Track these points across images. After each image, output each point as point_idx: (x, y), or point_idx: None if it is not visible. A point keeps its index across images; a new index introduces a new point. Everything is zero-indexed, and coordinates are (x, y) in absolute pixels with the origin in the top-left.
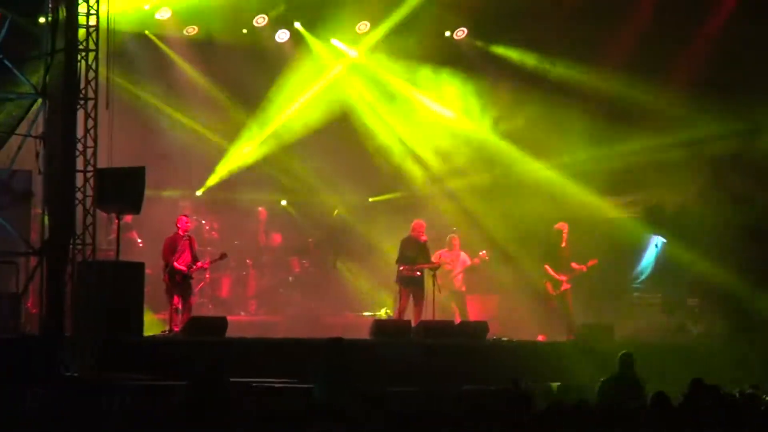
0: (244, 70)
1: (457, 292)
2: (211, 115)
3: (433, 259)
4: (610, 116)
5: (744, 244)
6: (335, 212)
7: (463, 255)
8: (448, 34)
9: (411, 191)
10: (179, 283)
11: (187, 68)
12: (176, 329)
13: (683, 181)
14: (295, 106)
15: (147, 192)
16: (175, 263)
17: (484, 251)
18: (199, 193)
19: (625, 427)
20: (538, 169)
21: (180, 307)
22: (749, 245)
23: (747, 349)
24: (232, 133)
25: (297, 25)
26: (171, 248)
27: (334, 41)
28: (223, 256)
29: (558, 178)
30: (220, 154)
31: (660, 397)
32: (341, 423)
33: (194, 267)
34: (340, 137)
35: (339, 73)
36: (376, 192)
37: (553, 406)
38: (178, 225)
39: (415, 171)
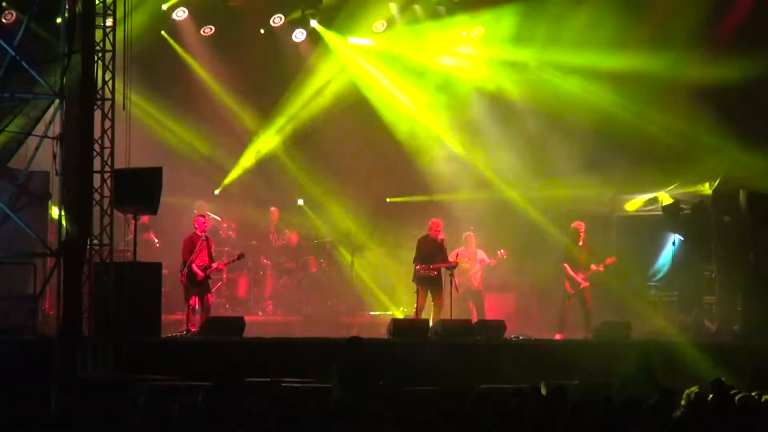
0: (261, 70)
1: (475, 291)
2: (227, 114)
3: (450, 257)
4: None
5: (761, 241)
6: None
7: (480, 253)
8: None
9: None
10: (197, 283)
11: (203, 69)
12: (193, 329)
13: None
14: (309, 103)
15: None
16: (193, 264)
17: (503, 250)
18: (216, 192)
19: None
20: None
21: (197, 307)
22: (766, 242)
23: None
24: (249, 133)
25: (313, 23)
26: (189, 248)
27: (352, 39)
28: (240, 256)
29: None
30: (235, 154)
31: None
32: (359, 423)
33: (211, 267)
34: (360, 134)
35: (357, 68)
36: (397, 191)
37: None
38: (196, 225)
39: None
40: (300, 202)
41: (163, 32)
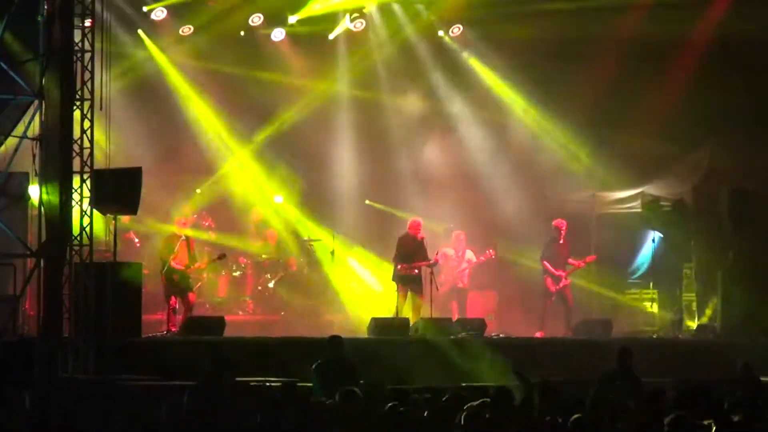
0: (240, 69)
1: (460, 289)
2: (209, 113)
3: (436, 256)
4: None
5: (740, 239)
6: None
7: (469, 252)
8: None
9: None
10: (177, 283)
11: (178, 69)
12: (173, 329)
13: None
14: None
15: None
16: (173, 262)
17: (492, 249)
18: (198, 191)
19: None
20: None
21: (178, 307)
22: (745, 240)
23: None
24: (231, 132)
25: (292, 19)
26: (168, 248)
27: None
28: (221, 256)
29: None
30: (215, 152)
31: None
32: (340, 422)
33: (192, 267)
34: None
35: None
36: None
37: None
38: (176, 224)
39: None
40: (278, 199)
41: (139, 31)
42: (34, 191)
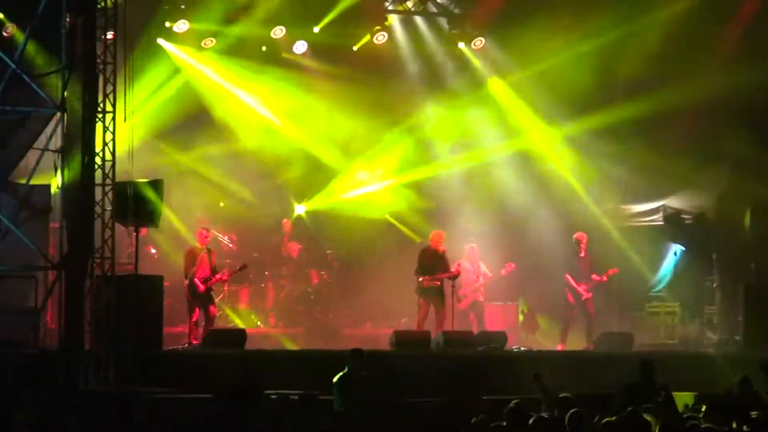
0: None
1: (477, 302)
2: (227, 126)
3: (457, 267)
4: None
5: (762, 251)
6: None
7: (483, 266)
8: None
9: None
10: (199, 296)
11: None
12: (195, 342)
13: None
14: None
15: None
16: (194, 277)
17: (512, 263)
18: (221, 204)
19: None
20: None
21: (200, 319)
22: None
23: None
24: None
25: (315, 29)
26: (191, 261)
27: None
28: (242, 267)
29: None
30: (239, 163)
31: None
32: None
33: (213, 279)
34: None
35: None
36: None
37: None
38: (197, 238)
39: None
40: (300, 211)
41: (160, 39)
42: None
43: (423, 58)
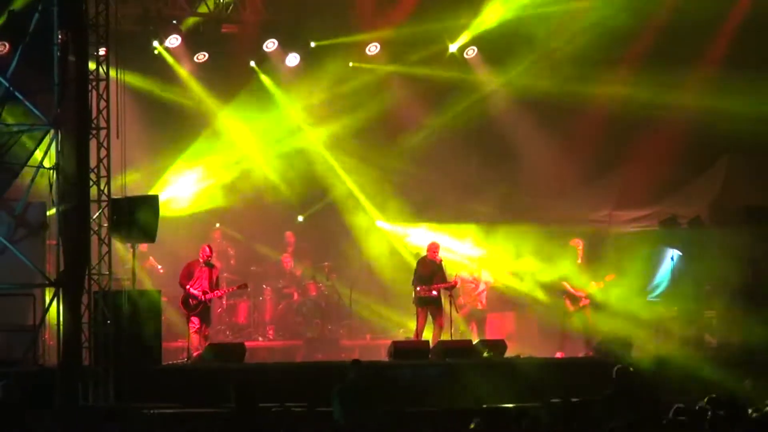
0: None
1: (478, 311)
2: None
3: (455, 278)
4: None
5: (759, 254)
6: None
7: (485, 274)
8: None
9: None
10: (194, 309)
11: (196, 89)
12: (195, 355)
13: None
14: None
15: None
16: (190, 288)
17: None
18: (217, 225)
19: None
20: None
21: (198, 333)
22: (764, 255)
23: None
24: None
25: (312, 44)
26: (187, 274)
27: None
28: (242, 286)
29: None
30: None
31: None
32: None
33: (209, 294)
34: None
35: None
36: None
37: None
38: (200, 253)
39: None
40: (300, 218)
41: (157, 50)
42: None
43: None
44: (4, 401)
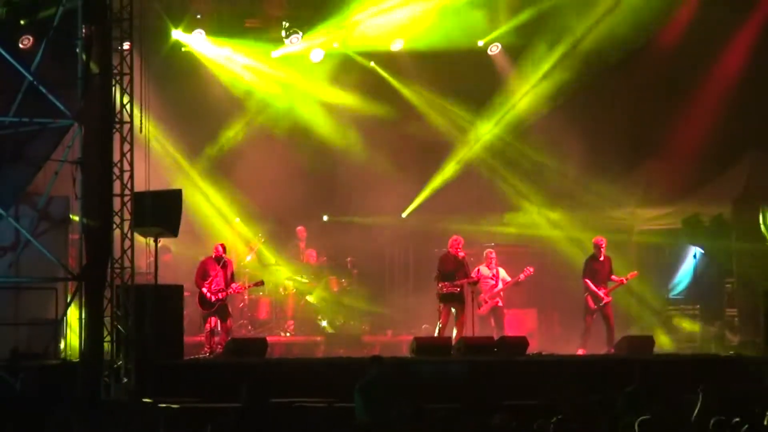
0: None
1: (497, 308)
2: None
3: (477, 273)
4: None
5: None
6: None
7: (502, 271)
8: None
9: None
10: (210, 306)
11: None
12: (217, 350)
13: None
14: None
15: None
16: (203, 289)
17: (530, 267)
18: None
19: None
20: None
21: (216, 329)
22: None
23: None
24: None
25: (335, 45)
26: (202, 273)
27: None
28: (258, 283)
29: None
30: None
31: None
32: None
33: (227, 291)
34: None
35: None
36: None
37: None
38: (213, 251)
39: None
40: (325, 218)
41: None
42: (74, 215)
43: None
44: (22, 394)
